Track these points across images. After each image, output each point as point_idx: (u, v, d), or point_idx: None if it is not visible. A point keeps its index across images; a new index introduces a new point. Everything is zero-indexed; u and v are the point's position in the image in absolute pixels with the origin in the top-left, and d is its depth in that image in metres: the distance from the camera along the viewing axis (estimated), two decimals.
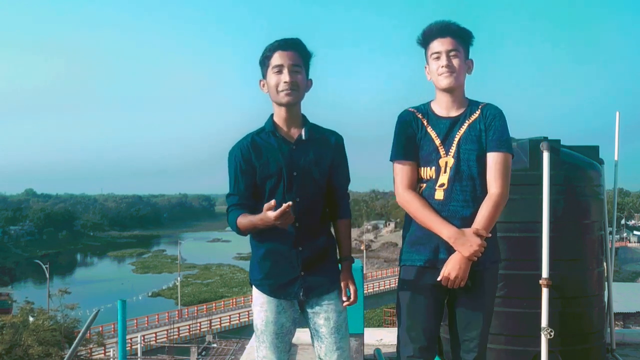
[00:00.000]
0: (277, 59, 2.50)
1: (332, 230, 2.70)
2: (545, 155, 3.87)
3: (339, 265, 2.66)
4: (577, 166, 4.20)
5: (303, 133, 2.57)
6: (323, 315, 2.58)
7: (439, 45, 2.55)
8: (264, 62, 2.56)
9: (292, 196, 2.49)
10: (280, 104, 2.55)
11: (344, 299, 2.60)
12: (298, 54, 2.53)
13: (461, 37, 2.57)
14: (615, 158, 4.77)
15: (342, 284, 2.61)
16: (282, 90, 2.50)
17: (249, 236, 2.59)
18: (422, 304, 2.58)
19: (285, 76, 2.49)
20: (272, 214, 2.28)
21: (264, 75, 2.58)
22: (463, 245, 2.43)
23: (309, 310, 2.61)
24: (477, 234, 2.44)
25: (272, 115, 2.61)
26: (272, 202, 2.29)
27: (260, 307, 2.59)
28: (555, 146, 3.97)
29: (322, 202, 2.62)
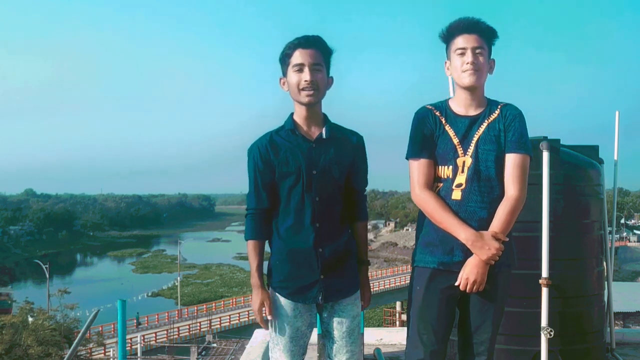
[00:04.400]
0: (297, 57, 2.45)
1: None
2: (545, 155, 3.86)
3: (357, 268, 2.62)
4: (577, 166, 4.20)
5: (324, 132, 2.52)
6: (337, 319, 2.55)
7: (464, 41, 2.47)
8: (284, 60, 2.51)
9: (312, 195, 2.46)
10: (301, 103, 2.50)
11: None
12: (319, 51, 2.48)
13: (487, 36, 2.50)
14: (615, 157, 4.76)
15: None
16: (303, 90, 2.46)
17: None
18: (435, 307, 2.53)
19: (305, 75, 2.44)
20: (256, 306, 2.54)
21: (284, 73, 2.53)
22: (481, 248, 2.38)
23: (324, 313, 2.58)
24: (496, 237, 2.39)
25: (292, 114, 2.56)
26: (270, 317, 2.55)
27: (277, 309, 2.55)
28: (555, 146, 3.96)
29: (342, 203, 2.57)
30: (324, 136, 2.51)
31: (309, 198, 2.46)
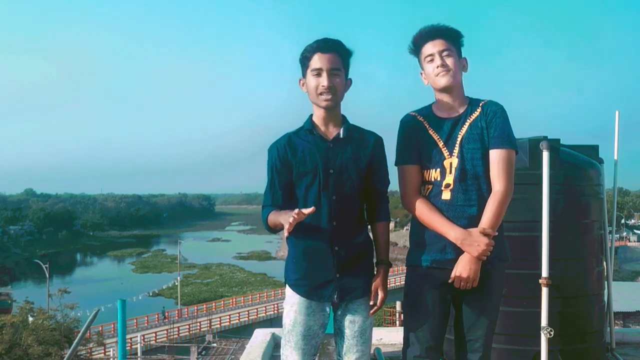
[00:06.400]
0: (316, 61, 2.48)
1: (370, 233, 2.67)
2: (545, 155, 3.87)
3: (374, 268, 2.62)
4: (577, 165, 4.20)
5: (341, 131, 2.54)
6: (349, 318, 2.57)
7: (431, 47, 2.56)
8: (304, 62, 2.54)
9: (329, 194, 2.49)
10: (319, 107, 2.54)
11: (370, 303, 2.57)
12: (338, 55, 2.50)
13: (451, 38, 2.58)
14: (615, 157, 4.76)
15: (372, 288, 2.57)
16: (321, 94, 2.49)
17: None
18: (429, 304, 2.57)
19: (324, 80, 2.47)
20: (298, 210, 2.29)
21: (304, 75, 2.56)
22: (471, 245, 2.43)
23: (338, 311, 2.60)
24: (484, 233, 2.43)
25: (311, 115, 2.60)
26: (312, 208, 2.31)
27: (291, 306, 2.57)
28: (555, 145, 3.97)
29: (359, 202, 2.59)
30: (341, 136, 2.54)
31: (325, 197, 2.49)
